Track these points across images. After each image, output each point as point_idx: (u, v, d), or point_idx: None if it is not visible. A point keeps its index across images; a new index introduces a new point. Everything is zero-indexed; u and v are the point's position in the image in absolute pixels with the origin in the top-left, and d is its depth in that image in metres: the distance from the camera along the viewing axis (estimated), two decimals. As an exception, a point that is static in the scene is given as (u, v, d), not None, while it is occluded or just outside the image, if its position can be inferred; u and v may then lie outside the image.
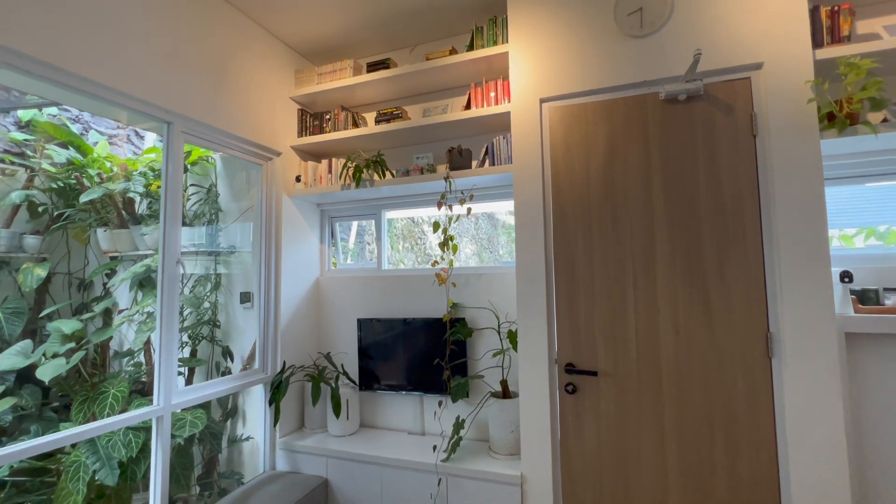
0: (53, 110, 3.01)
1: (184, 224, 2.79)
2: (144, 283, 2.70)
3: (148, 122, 2.00)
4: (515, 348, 2.18)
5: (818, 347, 1.66)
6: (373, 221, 2.95)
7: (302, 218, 2.82)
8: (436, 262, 2.32)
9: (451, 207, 2.29)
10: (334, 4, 2.38)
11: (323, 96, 2.75)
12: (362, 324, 2.68)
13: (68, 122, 3.01)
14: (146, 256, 2.72)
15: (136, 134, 3.45)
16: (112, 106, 1.82)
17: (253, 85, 2.46)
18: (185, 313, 2.68)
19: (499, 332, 2.36)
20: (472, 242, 3.76)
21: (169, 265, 2.00)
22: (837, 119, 1.71)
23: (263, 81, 2.54)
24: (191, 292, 2.79)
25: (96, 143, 2.98)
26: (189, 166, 2.87)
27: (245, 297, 2.67)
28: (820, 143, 1.70)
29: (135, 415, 1.81)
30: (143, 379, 2.58)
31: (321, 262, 2.99)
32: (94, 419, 2.07)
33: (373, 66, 2.61)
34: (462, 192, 2.42)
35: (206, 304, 2.76)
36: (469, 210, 2.25)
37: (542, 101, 2.13)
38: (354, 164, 2.47)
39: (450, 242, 2.26)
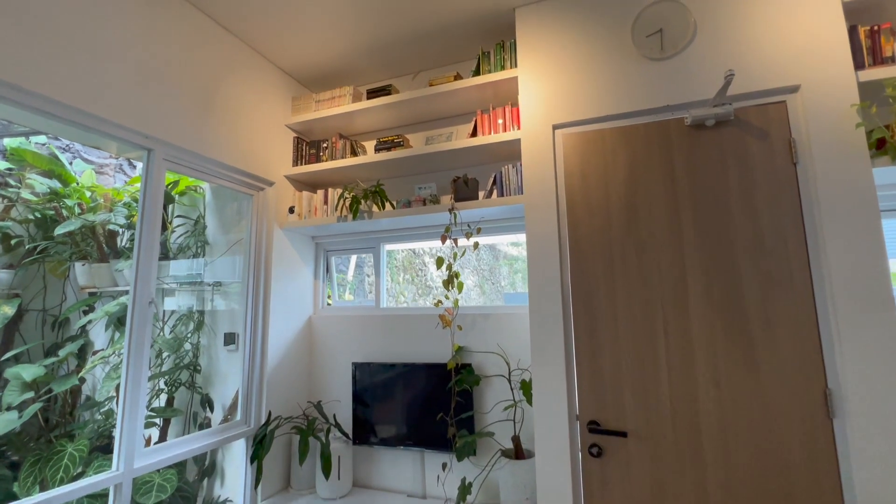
0: (42, 138, 2.87)
1: (167, 258, 2.60)
2: (122, 321, 2.47)
3: (126, 148, 1.83)
4: (529, 400, 1.93)
5: (889, 407, 1.41)
6: (371, 255, 2.75)
7: (295, 252, 2.62)
8: (439, 301, 2.10)
9: (455, 241, 2.09)
10: (333, 30, 2.27)
11: (320, 124, 2.61)
12: (358, 368, 2.43)
13: (57, 150, 2.87)
14: (125, 293, 2.50)
15: (130, 163, 3.31)
16: (84, 131, 1.65)
17: (245, 111, 2.32)
18: (164, 356, 2.44)
19: (509, 381, 2.11)
20: (474, 274, 3.56)
21: (140, 305, 1.78)
22: (889, 145, 1.53)
23: (257, 108, 2.40)
24: (171, 333, 2.56)
25: (82, 172, 2.83)
26: (177, 196, 2.70)
27: (229, 339, 2.44)
28: (872, 171, 1.52)
29: (86, 484, 1.54)
30: (113, 433, 2.31)
31: (315, 298, 2.76)
32: (46, 485, 1.79)
33: (373, 93, 2.48)
34: (469, 226, 2.22)
35: (187, 346, 2.52)
36: (476, 244, 2.05)
37: (556, 127, 1.97)
38: (352, 194, 2.29)
39: (455, 280, 2.05)
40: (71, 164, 2.87)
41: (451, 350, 2.26)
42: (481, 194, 2.24)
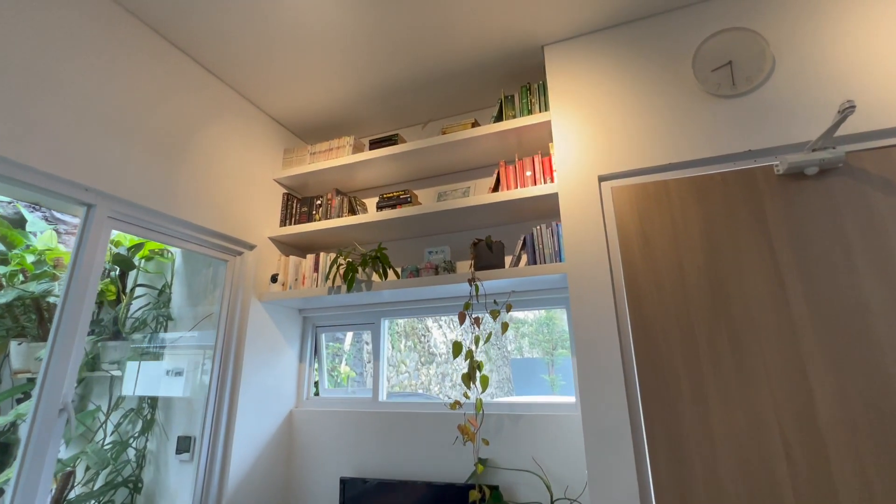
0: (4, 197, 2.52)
1: (118, 337, 2.13)
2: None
3: (59, 202, 1.44)
4: (587, 555, 1.35)
5: None
6: (369, 332, 2.27)
7: (276, 329, 2.15)
8: (457, 402, 1.59)
9: (478, 321, 1.62)
10: (333, 77, 1.97)
11: (315, 178, 2.26)
12: (347, 486, 1.86)
13: (25, 209, 2.51)
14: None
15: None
16: (-1, 180, 1.26)
17: (226, 163, 1.97)
18: (95, 469, 1.88)
19: (553, 515, 1.54)
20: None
21: (44, 415, 1.28)
22: None
23: (241, 159, 2.05)
24: (113, 433, 2.02)
25: (40, 233, 2.44)
26: (142, 261, 2.28)
27: (183, 445, 1.89)
28: None
29: None
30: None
31: (299, 387, 2.24)
32: None
33: (377, 144, 2.14)
34: (495, 302, 1.76)
35: (130, 452, 1.97)
36: (505, 326, 1.58)
37: (602, 179, 1.58)
38: (347, 260, 1.87)
39: (477, 373, 1.55)
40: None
41: (474, 470, 1.70)
42: (508, 260, 1.81)
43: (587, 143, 1.62)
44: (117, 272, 2.18)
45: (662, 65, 1.59)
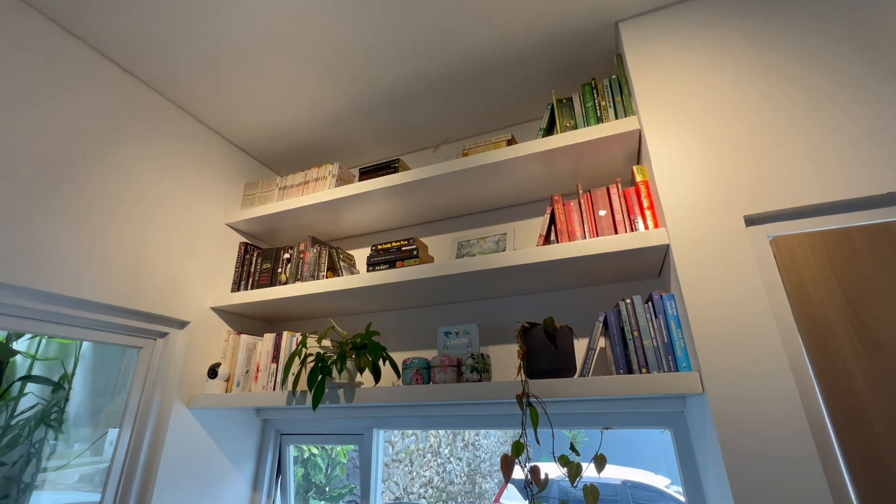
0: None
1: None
2: None
3: None
4: None
5: None
6: (356, 446, 1.54)
7: (215, 445, 1.43)
8: None
9: (537, 477, 0.89)
10: (312, 81, 1.38)
11: (286, 221, 1.61)
12: None
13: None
14: None
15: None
16: None
17: (147, 202, 1.33)
18: None
19: None
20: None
21: None
22: None
23: (174, 196, 1.42)
24: None
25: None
26: (42, 343, 1.61)
27: None
28: None
29: None
30: None
31: (249, 532, 1.49)
32: None
33: (369, 173, 1.51)
34: (575, 450, 0.96)
35: None
36: (595, 494, 0.84)
37: (751, 221, 0.91)
38: (315, 353, 1.18)
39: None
40: None
41: None
42: (580, 351, 1.11)
43: (714, 163, 0.96)
44: (-11, 361, 1.51)
45: (842, 37, 0.96)
